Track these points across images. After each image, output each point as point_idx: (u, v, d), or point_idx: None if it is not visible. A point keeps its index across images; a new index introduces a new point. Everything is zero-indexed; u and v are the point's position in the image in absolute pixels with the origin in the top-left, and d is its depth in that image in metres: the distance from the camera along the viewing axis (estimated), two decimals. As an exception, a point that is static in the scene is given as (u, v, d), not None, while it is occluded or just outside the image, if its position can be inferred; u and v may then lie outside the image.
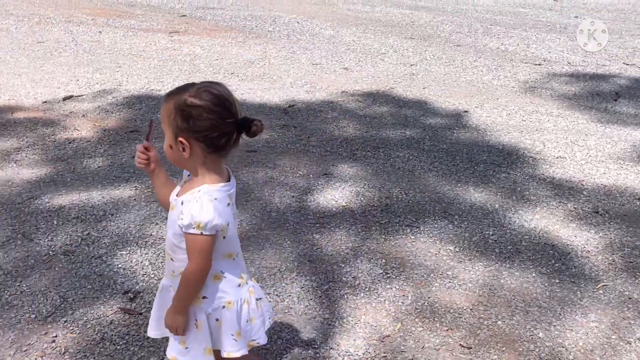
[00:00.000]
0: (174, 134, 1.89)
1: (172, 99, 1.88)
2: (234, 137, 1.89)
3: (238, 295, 2.04)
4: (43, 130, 4.87)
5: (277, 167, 4.34)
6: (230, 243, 1.99)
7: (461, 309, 2.91)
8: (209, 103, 1.84)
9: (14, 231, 3.45)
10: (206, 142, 1.88)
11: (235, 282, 2.03)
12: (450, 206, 3.85)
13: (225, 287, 2.02)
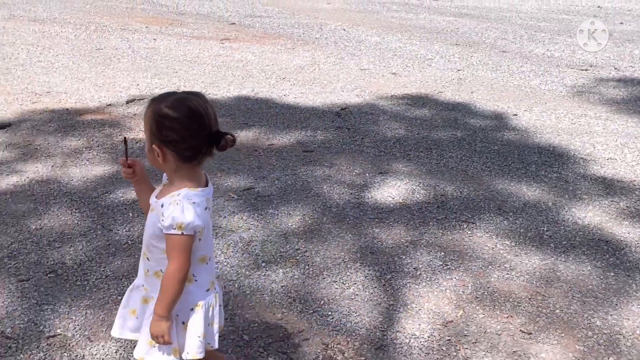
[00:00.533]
0: (150, 140, 1.96)
1: (151, 106, 1.94)
2: (203, 150, 1.94)
3: (205, 299, 2.09)
4: (110, 130, 5.13)
5: (333, 166, 4.52)
6: (205, 245, 2.05)
7: (519, 298, 3.05)
8: (181, 116, 1.89)
9: (93, 222, 3.68)
10: (176, 152, 1.93)
11: (205, 287, 2.10)
12: (505, 203, 3.99)
13: (195, 291, 2.08)
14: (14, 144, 4.83)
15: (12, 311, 2.87)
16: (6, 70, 6.83)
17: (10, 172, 4.34)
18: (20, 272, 3.17)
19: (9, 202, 3.90)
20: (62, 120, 5.33)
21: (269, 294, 3.05)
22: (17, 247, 3.39)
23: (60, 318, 2.84)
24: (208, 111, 1.92)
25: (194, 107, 1.90)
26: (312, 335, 2.76)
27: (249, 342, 2.71)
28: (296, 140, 4.97)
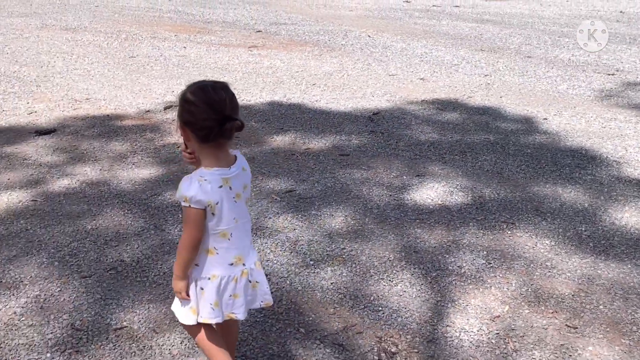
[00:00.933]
0: (178, 123, 2.21)
1: (181, 92, 2.17)
2: (214, 132, 2.09)
3: (227, 272, 2.27)
4: (151, 135, 5.29)
5: (370, 169, 4.64)
6: (221, 222, 2.21)
7: (563, 295, 3.16)
8: (197, 100, 2.10)
9: (146, 222, 3.83)
10: (194, 132, 2.13)
11: (228, 261, 2.26)
12: (542, 205, 4.09)
13: (215, 262, 2.26)
14: (60, 148, 5.00)
15: (78, 305, 3.02)
16: (45, 78, 7.03)
17: (61, 175, 4.50)
18: (82, 269, 3.32)
19: (63, 204, 4.06)
20: (104, 126, 5.50)
21: (320, 290, 3.18)
22: (76, 246, 3.54)
23: (125, 312, 2.98)
24: (222, 98, 2.10)
25: (210, 93, 2.10)
26: (365, 329, 2.89)
27: (305, 334, 2.84)
28: (332, 144, 5.10)
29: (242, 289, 2.32)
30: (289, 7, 12.56)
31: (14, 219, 3.85)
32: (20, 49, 8.40)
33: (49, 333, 2.82)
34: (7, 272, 3.28)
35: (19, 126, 5.50)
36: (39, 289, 3.14)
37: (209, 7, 12.28)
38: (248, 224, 2.32)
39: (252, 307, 2.38)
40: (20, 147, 5.01)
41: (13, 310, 2.97)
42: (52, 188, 4.30)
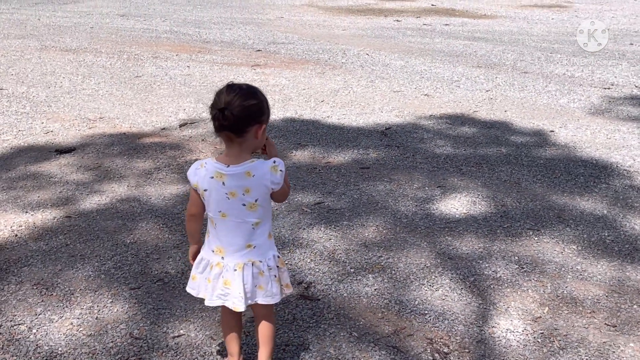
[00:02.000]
0: None
1: None
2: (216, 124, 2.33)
3: (207, 256, 2.52)
4: (172, 152, 5.39)
5: (392, 181, 4.78)
6: (209, 209, 2.46)
7: (597, 296, 3.30)
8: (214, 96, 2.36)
9: (182, 236, 3.92)
10: None
11: (211, 247, 2.52)
12: (563, 212, 4.25)
13: (206, 243, 2.55)
14: (84, 166, 5.08)
15: (132, 315, 3.11)
16: (55, 98, 7.10)
17: (90, 192, 4.58)
18: (129, 281, 3.40)
19: (97, 220, 4.14)
20: (123, 144, 5.58)
21: (365, 296, 3.29)
22: (119, 259, 3.63)
23: (180, 320, 3.07)
24: (221, 95, 2.31)
25: (221, 87, 2.36)
26: (415, 332, 3.00)
27: (359, 337, 2.95)
28: (351, 158, 5.23)
29: (213, 278, 2.50)
30: (282, 27, 12.74)
31: (53, 234, 3.93)
32: (25, 70, 8.46)
33: (109, 342, 2.90)
34: (56, 285, 3.35)
35: (38, 145, 5.57)
36: (91, 300, 3.22)
37: (204, 27, 12.41)
38: (244, 225, 2.44)
39: (225, 304, 2.53)
40: (43, 166, 5.08)
41: (70, 321, 3.05)
42: (83, 205, 4.38)
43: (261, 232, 2.47)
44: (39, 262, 3.58)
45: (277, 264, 2.53)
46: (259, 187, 2.40)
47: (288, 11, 15.37)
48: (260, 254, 2.48)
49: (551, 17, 14.23)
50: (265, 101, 2.39)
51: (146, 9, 15.31)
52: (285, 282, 2.58)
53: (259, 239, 2.47)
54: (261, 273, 2.48)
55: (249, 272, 2.47)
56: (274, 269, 2.51)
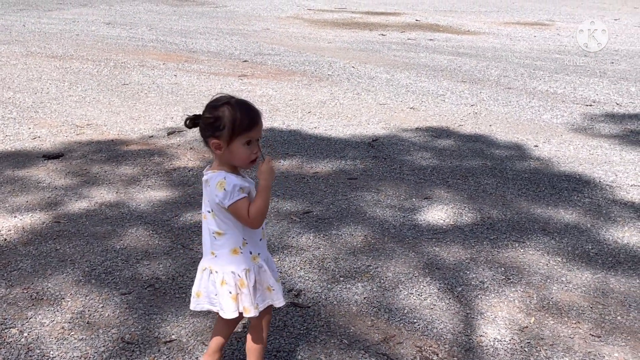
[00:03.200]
0: None
1: None
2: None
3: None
4: (159, 159, 5.40)
5: (380, 191, 4.83)
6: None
7: (582, 307, 3.36)
8: None
9: (173, 242, 3.94)
10: None
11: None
12: (548, 225, 4.32)
13: None
14: (72, 172, 5.08)
15: (124, 320, 3.12)
16: (41, 104, 7.08)
17: (79, 198, 4.58)
18: (119, 286, 3.41)
19: (87, 225, 4.15)
20: (110, 151, 5.59)
21: (354, 304, 3.33)
22: (109, 265, 3.64)
23: (171, 326, 3.09)
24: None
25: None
26: (404, 340, 3.04)
27: (349, 345, 2.98)
28: (338, 169, 5.28)
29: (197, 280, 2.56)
30: (268, 38, 12.79)
31: (42, 239, 3.92)
32: (11, 76, 8.43)
33: (101, 346, 2.91)
34: (46, 290, 3.35)
35: (25, 151, 5.56)
36: (82, 305, 3.23)
37: (190, 37, 12.43)
38: (207, 231, 2.49)
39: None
40: (31, 171, 5.08)
41: (61, 325, 3.06)
42: (72, 210, 4.38)
43: (222, 244, 2.46)
44: (29, 267, 3.58)
45: (236, 282, 2.46)
46: (211, 199, 2.42)
47: (274, 23, 15.44)
48: (219, 265, 2.47)
49: (533, 34, 14.43)
50: (225, 117, 2.33)
51: (132, 18, 15.30)
52: (244, 305, 2.49)
53: (220, 250, 2.47)
54: (222, 283, 2.46)
55: (204, 277, 2.52)
56: (231, 286, 2.46)
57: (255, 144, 2.37)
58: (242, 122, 2.33)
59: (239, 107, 2.36)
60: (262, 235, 2.52)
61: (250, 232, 2.46)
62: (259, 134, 2.38)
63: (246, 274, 2.46)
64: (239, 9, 18.30)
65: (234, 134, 2.33)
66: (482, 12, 19.04)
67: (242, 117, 2.34)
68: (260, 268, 2.51)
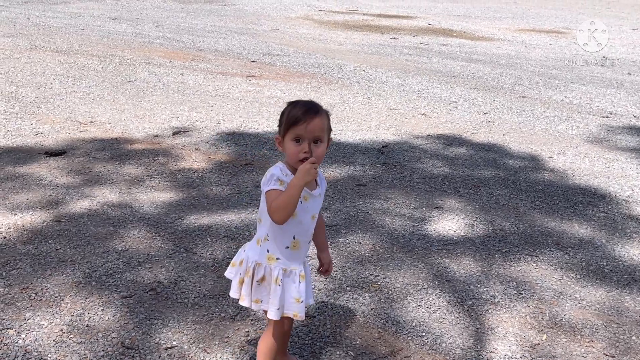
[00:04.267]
0: (329, 136, 2.48)
1: (323, 113, 2.44)
2: None
3: None
4: (164, 160, 5.30)
5: (389, 199, 4.72)
6: None
7: (596, 325, 3.25)
8: None
9: (175, 245, 3.84)
10: None
11: None
12: (561, 239, 4.20)
13: None
14: (74, 170, 4.98)
15: (124, 324, 3.01)
16: (44, 100, 6.99)
17: (81, 197, 4.48)
18: (121, 289, 3.31)
19: (88, 225, 4.05)
20: (114, 149, 5.49)
21: (361, 315, 3.22)
22: (110, 267, 3.54)
23: (172, 331, 2.99)
24: None
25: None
26: (412, 354, 2.93)
27: (355, 357, 2.88)
28: (347, 175, 5.17)
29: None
30: (277, 39, 12.69)
31: (42, 238, 3.82)
32: (14, 70, 8.34)
33: (100, 351, 2.81)
34: (45, 290, 3.26)
35: (27, 147, 5.47)
36: (82, 307, 3.13)
37: (197, 35, 12.34)
38: None
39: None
40: (32, 168, 4.98)
41: (60, 327, 2.96)
42: (73, 209, 4.28)
43: (257, 230, 2.58)
44: (28, 266, 3.48)
45: (247, 268, 2.51)
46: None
47: (283, 23, 15.34)
48: (248, 246, 2.58)
49: (549, 42, 14.27)
50: (283, 114, 2.46)
51: (138, 14, 15.22)
52: (241, 292, 2.52)
53: (254, 236, 2.59)
54: (240, 262, 2.55)
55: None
56: (242, 269, 2.52)
57: (306, 143, 2.37)
58: (289, 118, 2.41)
59: (294, 105, 2.45)
60: (292, 246, 2.48)
61: (274, 232, 2.46)
62: (308, 133, 2.37)
63: (255, 267, 2.49)
64: (247, 7, 18.21)
65: (284, 129, 2.43)
66: (497, 17, 18.91)
67: (292, 113, 2.41)
68: (272, 271, 2.47)
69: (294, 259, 2.48)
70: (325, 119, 2.42)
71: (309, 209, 2.47)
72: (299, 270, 2.49)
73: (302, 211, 2.44)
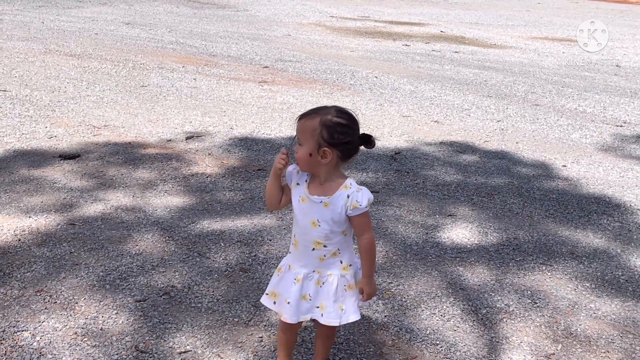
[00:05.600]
0: (317, 144, 2.39)
1: (316, 117, 2.39)
2: (358, 148, 2.46)
3: None
4: (177, 164, 5.31)
5: (402, 207, 4.70)
6: None
7: (612, 336, 3.22)
8: (349, 122, 2.41)
9: (189, 250, 3.84)
10: (343, 151, 2.42)
11: None
12: (576, 249, 4.18)
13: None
14: (88, 173, 4.99)
15: (138, 328, 3.02)
16: (58, 103, 7.02)
17: (95, 200, 4.49)
18: (134, 293, 3.31)
19: (102, 229, 4.05)
20: (127, 153, 5.50)
21: (375, 322, 3.21)
22: (124, 270, 3.54)
23: (186, 336, 2.98)
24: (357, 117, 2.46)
25: (353, 114, 2.44)
26: (427, 363, 2.92)
27: (369, 366, 2.87)
28: (359, 181, 5.15)
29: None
30: (290, 44, 12.71)
31: (57, 241, 3.83)
32: (28, 73, 8.39)
33: (114, 354, 2.81)
34: (60, 293, 3.26)
35: (41, 150, 5.48)
36: (96, 310, 3.14)
37: (210, 40, 12.38)
38: None
39: None
40: (46, 171, 5.00)
41: (74, 330, 2.96)
42: (87, 213, 4.29)
43: None
44: (43, 269, 3.49)
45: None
46: None
47: (296, 29, 15.36)
48: None
49: (562, 50, 14.23)
50: None
51: (151, 19, 15.28)
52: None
53: None
54: None
55: None
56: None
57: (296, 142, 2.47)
58: None
59: None
60: (294, 243, 2.60)
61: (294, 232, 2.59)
62: (298, 133, 2.44)
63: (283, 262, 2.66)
64: (260, 13, 18.25)
65: None
66: (509, 25, 18.86)
67: None
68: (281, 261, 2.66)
69: (297, 258, 2.56)
70: (310, 123, 2.39)
71: (307, 212, 2.49)
72: (298, 273, 2.53)
73: (299, 211, 2.51)
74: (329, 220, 2.46)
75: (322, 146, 2.38)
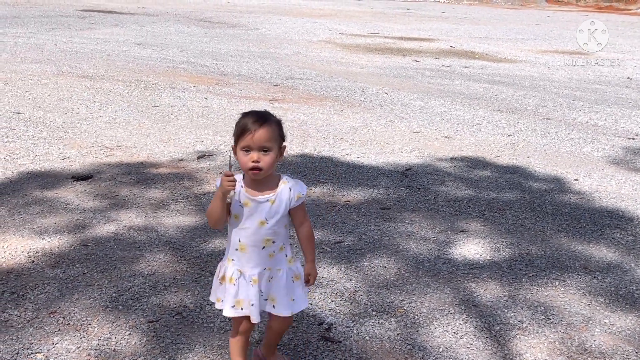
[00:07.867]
0: (280, 145, 2.57)
1: (270, 121, 2.55)
2: None
3: None
4: (189, 184, 5.33)
5: (413, 223, 4.70)
6: None
7: (627, 351, 3.19)
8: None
9: (201, 269, 3.85)
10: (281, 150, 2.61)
11: None
12: (589, 263, 4.15)
13: None
14: (101, 194, 5.03)
15: (151, 349, 3.02)
16: (71, 124, 7.08)
17: (107, 221, 4.52)
18: (147, 314, 3.32)
19: (114, 249, 4.08)
20: (139, 173, 5.54)
21: (387, 340, 3.20)
22: (137, 290, 3.55)
23: (199, 356, 2.99)
24: None
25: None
26: (440, 381, 2.91)
27: (382, 385, 2.85)
28: (371, 198, 5.17)
29: None
30: (300, 62, 12.78)
31: (70, 262, 3.86)
32: (42, 95, 8.48)
33: (126, 376, 2.82)
34: (73, 315, 3.28)
35: (54, 171, 5.53)
36: (109, 331, 3.15)
37: (221, 59, 12.47)
38: None
39: None
40: (59, 192, 5.04)
41: (87, 352, 2.97)
42: (100, 233, 4.31)
43: None
44: (56, 290, 3.51)
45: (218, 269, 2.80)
46: None
47: (305, 47, 15.45)
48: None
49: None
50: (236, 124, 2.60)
51: (163, 39, 15.41)
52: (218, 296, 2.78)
53: None
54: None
55: None
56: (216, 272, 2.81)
57: (254, 152, 2.50)
58: (238, 128, 2.55)
59: (245, 115, 2.58)
60: (240, 249, 2.62)
61: (229, 235, 2.66)
62: (255, 143, 2.49)
63: (219, 267, 2.73)
64: (270, 32, 18.36)
65: (235, 139, 2.58)
66: (519, 39, 18.87)
67: (240, 123, 2.54)
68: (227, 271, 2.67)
69: (246, 261, 2.62)
70: (274, 128, 2.53)
71: (254, 214, 2.56)
72: (253, 274, 2.60)
73: (245, 216, 2.56)
74: (276, 216, 2.58)
75: (281, 145, 2.58)
